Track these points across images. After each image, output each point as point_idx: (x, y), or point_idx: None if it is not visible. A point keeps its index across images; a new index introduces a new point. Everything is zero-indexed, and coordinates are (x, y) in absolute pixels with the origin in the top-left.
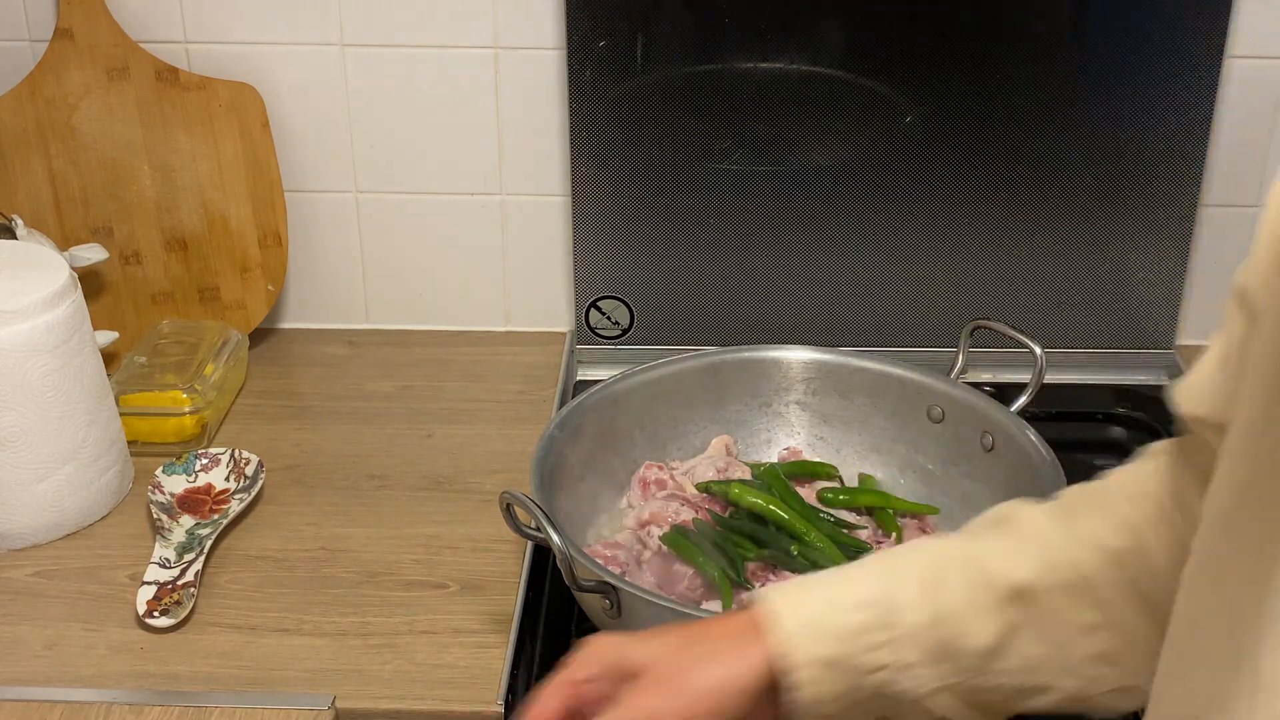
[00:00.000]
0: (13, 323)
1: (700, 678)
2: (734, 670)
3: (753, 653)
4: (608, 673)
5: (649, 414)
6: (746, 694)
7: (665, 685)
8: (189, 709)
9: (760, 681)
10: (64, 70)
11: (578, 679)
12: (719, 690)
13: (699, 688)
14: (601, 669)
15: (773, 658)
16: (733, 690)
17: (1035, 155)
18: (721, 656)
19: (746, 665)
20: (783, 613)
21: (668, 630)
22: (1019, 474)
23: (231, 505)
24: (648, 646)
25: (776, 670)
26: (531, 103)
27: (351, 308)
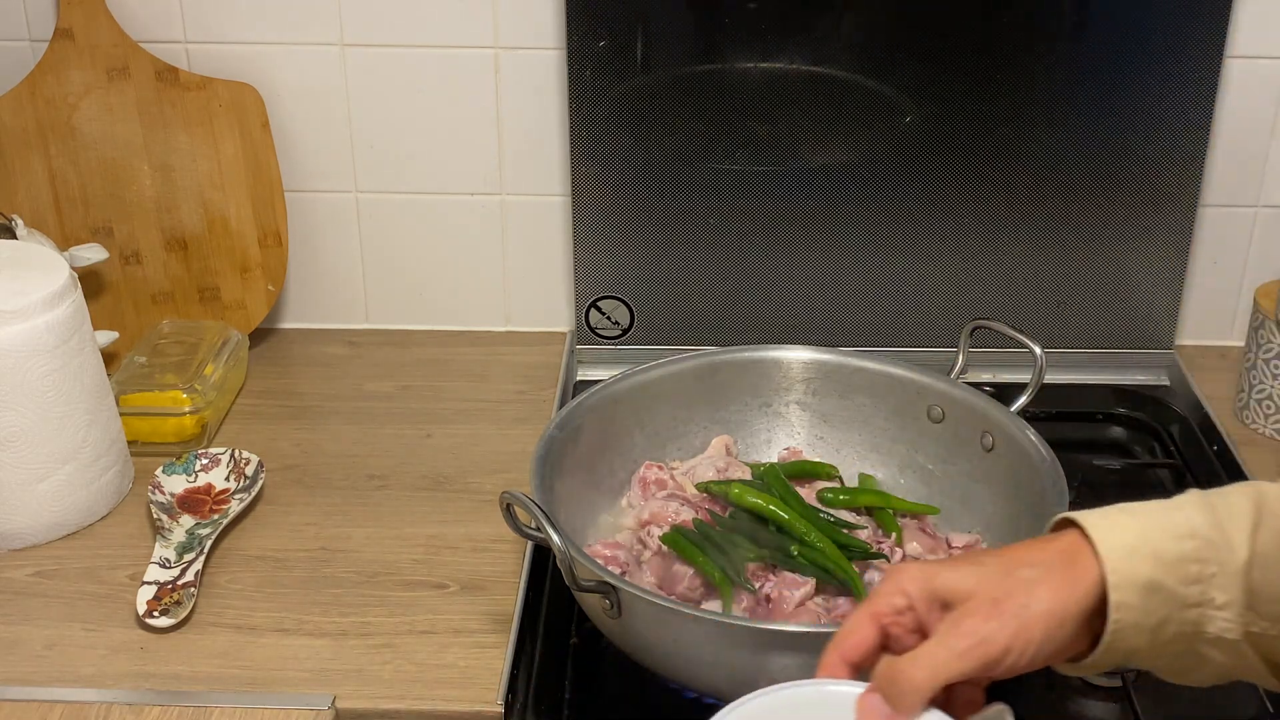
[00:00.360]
0: (13, 323)
1: (1031, 601)
2: (1063, 593)
3: (1080, 575)
4: (918, 602)
5: (649, 414)
6: (1074, 619)
7: (993, 610)
8: (189, 709)
9: (1087, 606)
10: (64, 70)
11: (888, 609)
12: (1048, 614)
13: (1032, 611)
14: (912, 599)
15: (1097, 581)
16: (1061, 614)
17: (1035, 155)
18: (1049, 580)
19: (1075, 588)
20: (1104, 535)
21: (980, 556)
22: (1019, 474)
23: (231, 505)
24: (962, 573)
25: (1101, 593)
26: (531, 103)
27: (351, 308)
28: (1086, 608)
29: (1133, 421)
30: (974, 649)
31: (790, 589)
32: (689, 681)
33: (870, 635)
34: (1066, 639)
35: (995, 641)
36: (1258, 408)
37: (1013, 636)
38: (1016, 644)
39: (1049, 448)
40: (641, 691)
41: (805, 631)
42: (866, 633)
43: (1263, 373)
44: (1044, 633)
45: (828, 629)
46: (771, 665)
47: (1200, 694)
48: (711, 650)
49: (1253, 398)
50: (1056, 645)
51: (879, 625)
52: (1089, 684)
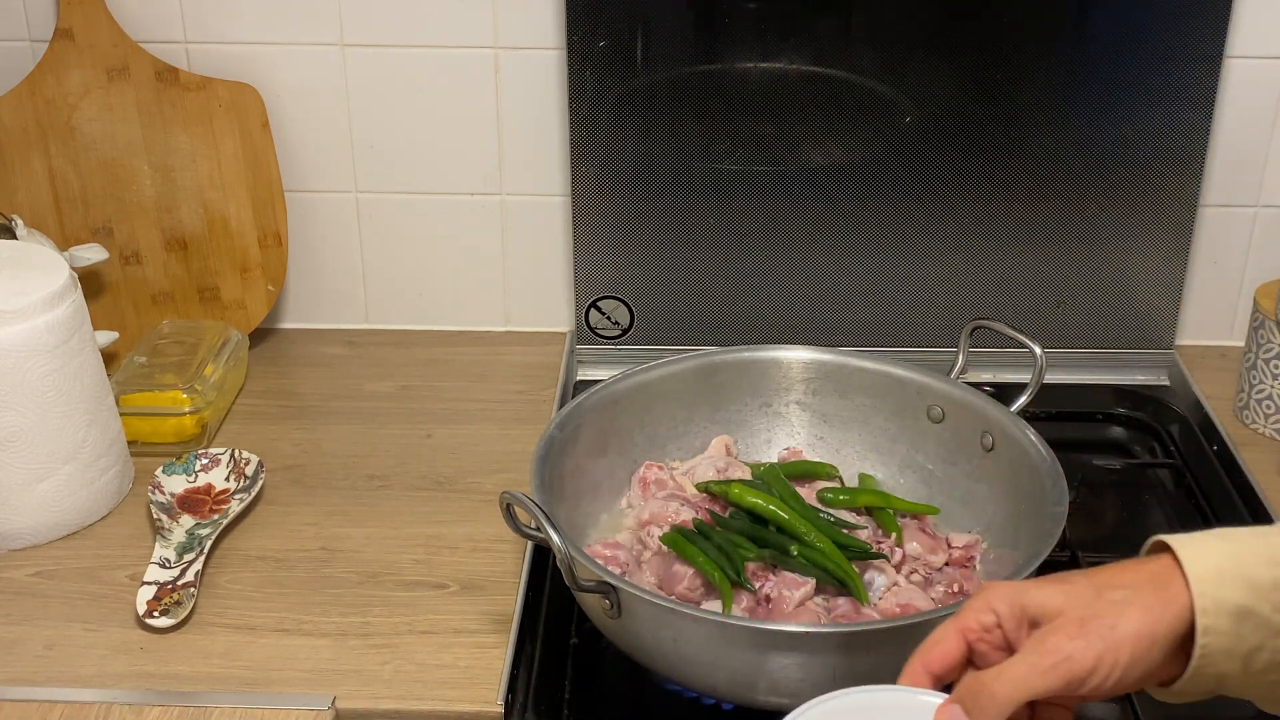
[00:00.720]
0: (13, 323)
1: (1120, 622)
2: (1152, 615)
3: (1170, 598)
4: (1006, 620)
5: (649, 414)
6: (1163, 642)
7: (1080, 629)
8: (189, 709)
9: (1178, 630)
10: (64, 70)
11: (976, 625)
12: (1136, 636)
13: (1120, 632)
14: (1000, 616)
15: (1187, 605)
16: (1150, 636)
17: (1035, 155)
18: (1139, 601)
19: (1165, 611)
20: (1194, 559)
21: (1071, 576)
22: (1019, 474)
23: (231, 505)
24: (1052, 592)
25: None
26: (531, 103)
27: (351, 308)
28: (1177, 631)
29: (1133, 421)
30: (1058, 666)
31: (790, 589)
32: (689, 681)
33: (956, 648)
34: (1155, 662)
35: (1080, 660)
36: (1258, 408)
37: (1099, 657)
38: (1103, 664)
39: (1049, 448)
40: (641, 691)
41: (805, 631)
42: (952, 645)
43: (1263, 373)
44: (1131, 654)
45: (828, 629)
46: (771, 665)
47: None
48: (711, 650)
49: (1253, 398)
50: (1144, 668)
51: (965, 640)
52: None
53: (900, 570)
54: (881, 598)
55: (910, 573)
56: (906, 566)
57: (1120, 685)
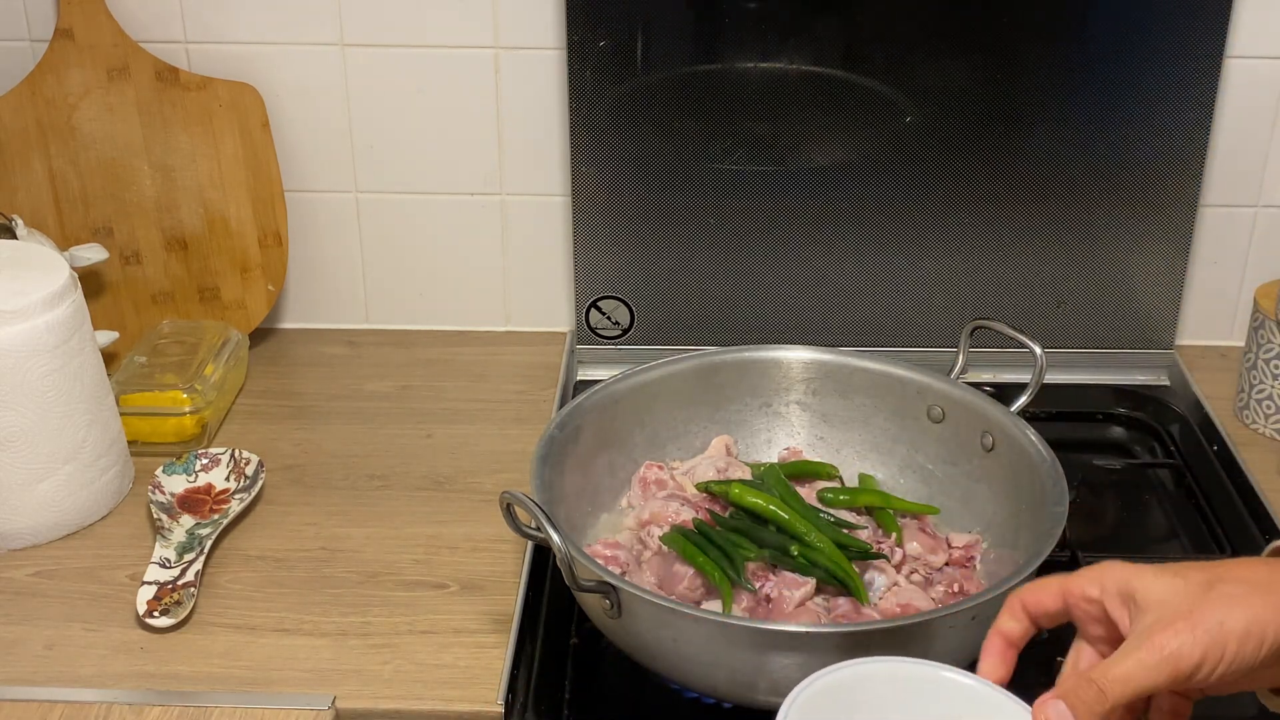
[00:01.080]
0: (13, 323)
1: (1228, 619)
2: (1264, 614)
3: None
4: (1109, 597)
5: (649, 414)
6: (1272, 642)
7: (1186, 623)
8: (189, 709)
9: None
10: (64, 70)
11: (1078, 591)
12: (1244, 634)
13: (1228, 629)
14: (1104, 592)
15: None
16: (1260, 635)
17: (1035, 155)
18: (1252, 599)
19: (1277, 615)
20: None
21: (1186, 568)
22: (1019, 474)
23: (231, 505)
24: (1163, 581)
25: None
26: (531, 103)
27: (351, 308)
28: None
29: (1133, 421)
30: (1165, 663)
31: (790, 589)
32: (689, 681)
33: (1054, 600)
34: (1266, 661)
35: (1186, 656)
36: (1258, 408)
37: (1205, 652)
38: (1209, 660)
39: (1049, 448)
40: (641, 691)
41: (805, 631)
42: (1052, 595)
43: (1263, 373)
44: (1237, 650)
45: (828, 629)
46: (771, 665)
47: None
48: (711, 650)
49: (1253, 398)
50: (1253, 665)
51: (1065, 599)
52: None
53: (900, 570)
54: (882, 598)
55: (910, 573)
56: (906, 566)
57: (1225, 680)
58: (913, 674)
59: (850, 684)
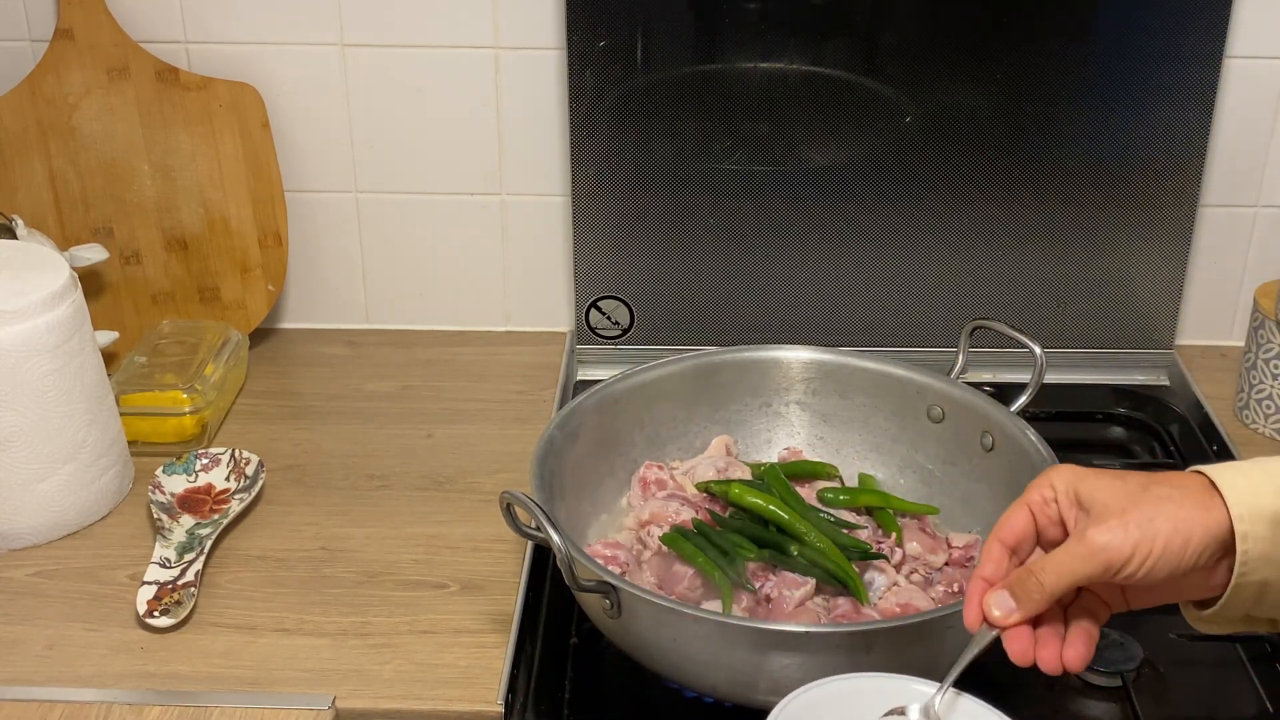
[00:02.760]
0: (13, 323)
1: (1158, 515)
2: (1190, 513)
3: (1210, 505)
4: (1061, 496)
5: (649, 414)
6: (1199, 542)
7: (1119, 520)
8: (189, 709)
9: (1214, 534)
10: (64, 70)
11: (1038, 499)
12: (1172, 531)
13: (1157, 525)
14: (1057, 493)
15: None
16: (1186, 533)
17: (1035, 155)
18: (1181, 500)
19: (1204, 513)
20: (1227, 475)
21: (1124, 473)
22: (1019, 474)
23: (231, 505)
24: (1104, 484)
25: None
26: (531, 103)
27: (351, 308)
28: (1214, 535)
29: (1133, 421)
30: (1096, 555)
31: (790, 589)
32: (689, 681)
33: (1023, 521)
34: (1191, 562)
35: (1118, 549)
36: (1258, 408)
37: (1135, 546)
38: (1138, 553)
39: (1049, 448)
40: (641, 691)
41: (805, 631)
42: (1021, 518)
43: (1262, 372)
44: (1165, 546)
45: (828, 629)
46: (771, 665)
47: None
48: (711, 650)
49: (1253, 398)
50: (1180, 564)
51: (1031, 513)
52: (1089, 684)
53: (900, 570)
54: (881, 598)
55: (910, 573)
56: (906, 566)
57: (1153, 575)
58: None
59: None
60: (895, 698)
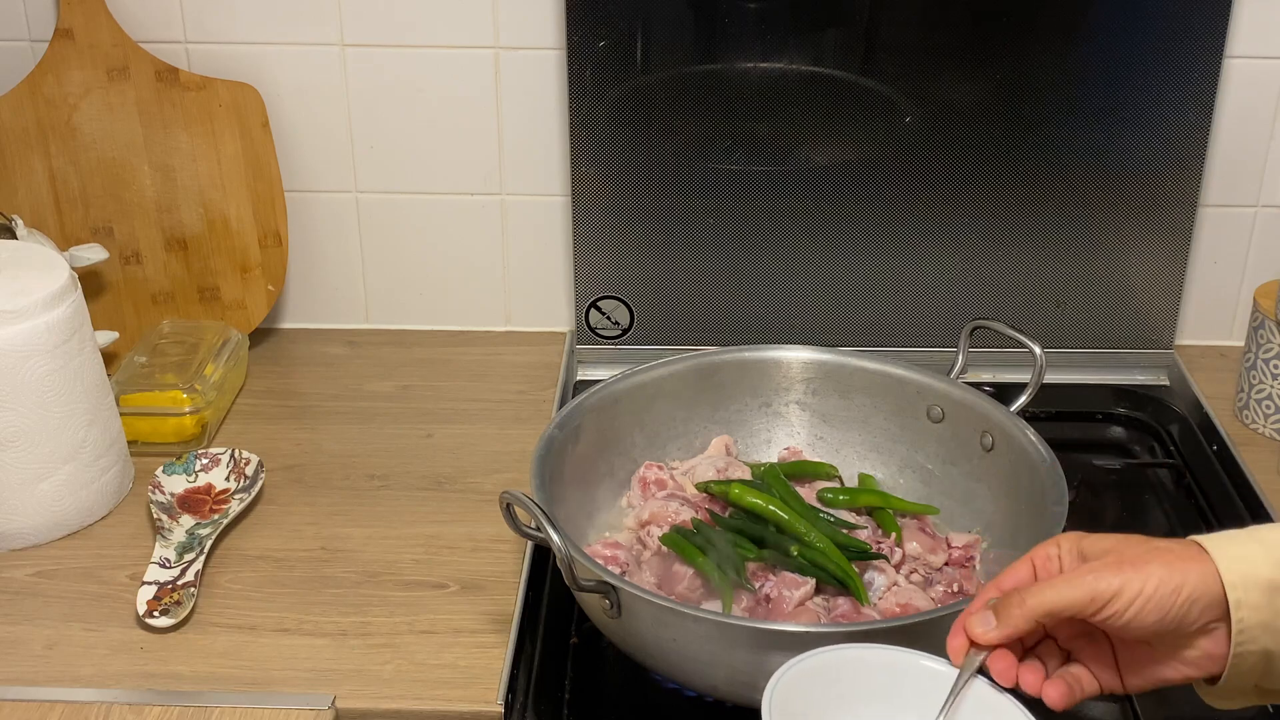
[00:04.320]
0: (13, 323)
1: (1153, 561)
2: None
3: (1204, 567)
4: (1065, 554)
5: (649, 414)
6: (1188, 595)
7: (1115, 563)
8: (189, 709)
9: (1209, 587)
10: (64, 70)
11: (1042, 555)
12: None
13: (1150, 569)
14: (1062, 549)
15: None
16: (1179, 583)
17: (1035, 155)
18: (1180, 553)
19: (1199, 565)
20: (1220, 542)
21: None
22: (1019, 474)
23: (231, 505)
24: (1106, 540)
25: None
26: (531, 103)
27: (351, 308)
28: (1209, 589)
29: (1133, 421)
30: (1084, 582)
31: (790, 589)
32: (689, 681)
33: (1026, 572)
34: (1182, 612)
35: (1107, 581)
36: (1258, 408)
37: (1125, 581)
38: (1128, 589)
39: (1049, 448)
40: (641, 691)
41: (805, 631)
42: (1023, 569)
43: (1262, 373)
44: (1156, 587)
45: (828, 629)
46: (771, 665)
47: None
48: (711, 650)
49: (1252, 398)
50: (1170, 610)
51: (1033, 567)
52: None
53: (900, 570)
54: (881, 598)
55: (910, 573)
56: (906, 566)
57: (1140, 618)
58: (891, 660)
59: (831, 667)
60: (901, 671)
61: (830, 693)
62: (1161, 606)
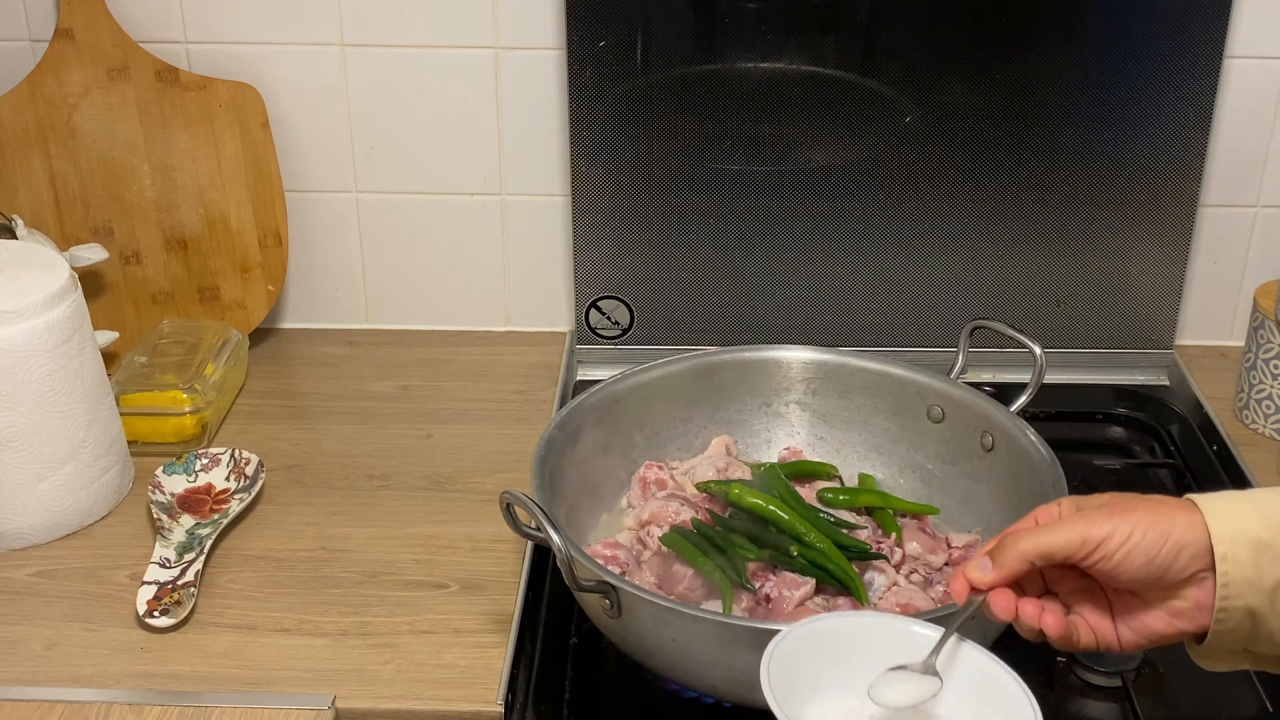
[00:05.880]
0: (13, 323)
1: (1142, 508)
2: (1177, 514)
3: (1193, 514)
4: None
5: (649, 414)
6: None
7: (1108, 510)
8: (189, 709)
9: (1197, 536)
10: (64, 70)
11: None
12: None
13: (1139, 515)
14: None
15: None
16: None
17: (1035, 155)
18: (1165, 506)
19: (1188, 515)
20: (1213, 499)
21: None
22: (1019, 474)
23: (231, 505)
24: (1104, 495)
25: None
26: (531, 103)
27: (351, 308)
28: (1197, 539)
29: (1133, 421)
30: (1075, 527)
31: (790, 589)
32: (689, 681)
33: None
34: (1169, 558)
35: (1097, 526)
36: (1258, 408)
37: (1114, 527)
38: (1117, 533)
39: (1049, 448)
40: (641, 691)
41: None
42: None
43: (1262, 373)
44: (1144, 534)
45: None
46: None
47: (1200, 694)
48: (711, 650)
49: (1252, 398)
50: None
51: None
52: (1089, 684)
53: (900, 570)
54: (881, 598)
55: (910, 573)
56: (906, 566)
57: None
58: (885, 626)
59: (826, 634)
60: (894, 638)
61: (826, 658)
62: (1148, 551)
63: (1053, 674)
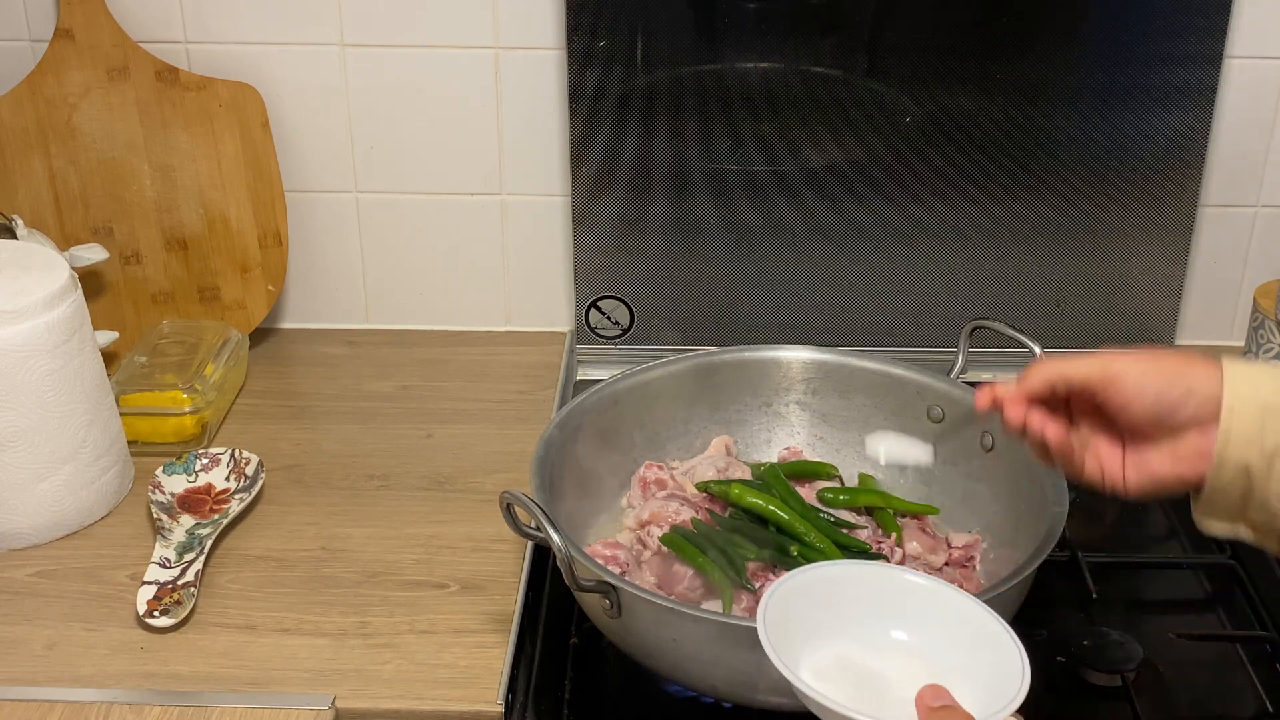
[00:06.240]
0: (13, 323)
1: (1170, 357)
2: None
3: (1212, 369)
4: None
5: (649, 414)
6: (1194, 378)
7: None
8: (189, 709)
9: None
10: (64, 70)
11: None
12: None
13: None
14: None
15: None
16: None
17: (1035, 155)
18: (1186, 355)
19: (1204, 370)
20: (1235, 362)
21: None
22: (1019, 474)
23: (231, 505)
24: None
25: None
26: (531, 103)
27: (351, 308)
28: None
29: None
30: (1098, 360)
31: None
32: (689, 681)
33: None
34: (1181, 393)
35: (1118, 361)
36: None
37: (1133, 363)
38: (1134, 370)
39: None
40: (641, 691)
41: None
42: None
43: None
44: (1159, 374)
45: None
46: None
47: (1200, 694)
48: (711, 650)
49: None
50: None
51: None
52: (1089, 684)
53: None
54: None
55: None
56: (906, 566)
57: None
58: (876, 574)
59: (821, 581)
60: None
61: (820, 605)
62: (1159, 388)
63: (1053, 674)
